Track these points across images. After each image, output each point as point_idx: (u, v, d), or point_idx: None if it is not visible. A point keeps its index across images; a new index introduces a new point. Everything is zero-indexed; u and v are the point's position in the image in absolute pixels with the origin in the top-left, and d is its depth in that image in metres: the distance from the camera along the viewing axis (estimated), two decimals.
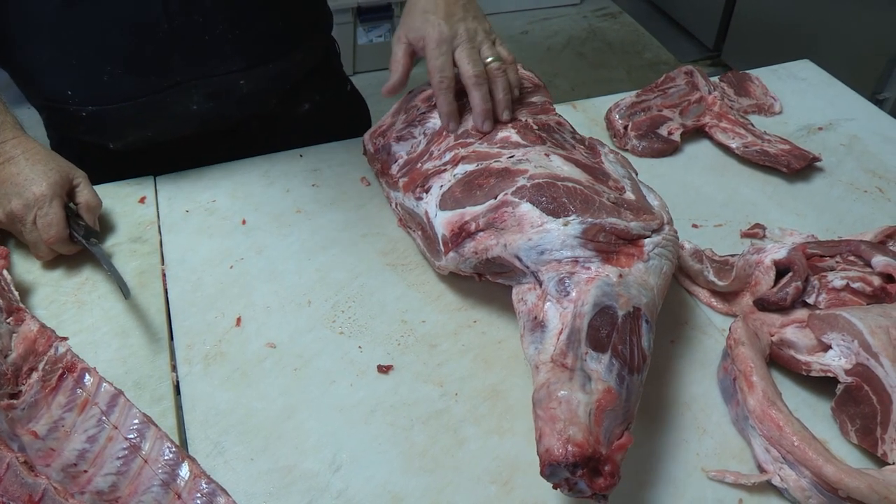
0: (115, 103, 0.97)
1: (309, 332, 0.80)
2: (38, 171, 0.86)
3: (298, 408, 0.73)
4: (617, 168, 0.81)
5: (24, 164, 0.86)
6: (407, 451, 0.69)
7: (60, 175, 0.87)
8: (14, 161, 0.86)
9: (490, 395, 0.74)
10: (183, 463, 0.64)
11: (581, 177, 0.76)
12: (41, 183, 0.85)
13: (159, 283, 0.86)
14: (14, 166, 0.86)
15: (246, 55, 0.99)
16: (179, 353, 0.78)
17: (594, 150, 0.85)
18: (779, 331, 0.78)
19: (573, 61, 3.34)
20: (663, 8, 3.64)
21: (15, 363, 0.73)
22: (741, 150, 1.06)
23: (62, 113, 0.99)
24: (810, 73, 1.28)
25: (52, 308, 0.83)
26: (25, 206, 0.84)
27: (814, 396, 0.74)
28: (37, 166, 0.86)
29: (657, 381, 0.76)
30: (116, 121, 0.99)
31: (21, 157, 0.86)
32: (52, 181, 0.85)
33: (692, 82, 1.18)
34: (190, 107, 1.00)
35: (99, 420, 0.68)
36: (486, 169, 0.79)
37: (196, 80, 0.98)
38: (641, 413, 0.73)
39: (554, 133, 0.86)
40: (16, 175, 0.85)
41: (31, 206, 0.84)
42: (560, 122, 0.89)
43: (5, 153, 0.87)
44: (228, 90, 1.01)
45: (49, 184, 0.85)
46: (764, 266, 0.82)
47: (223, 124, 1.06)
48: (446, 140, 0.87)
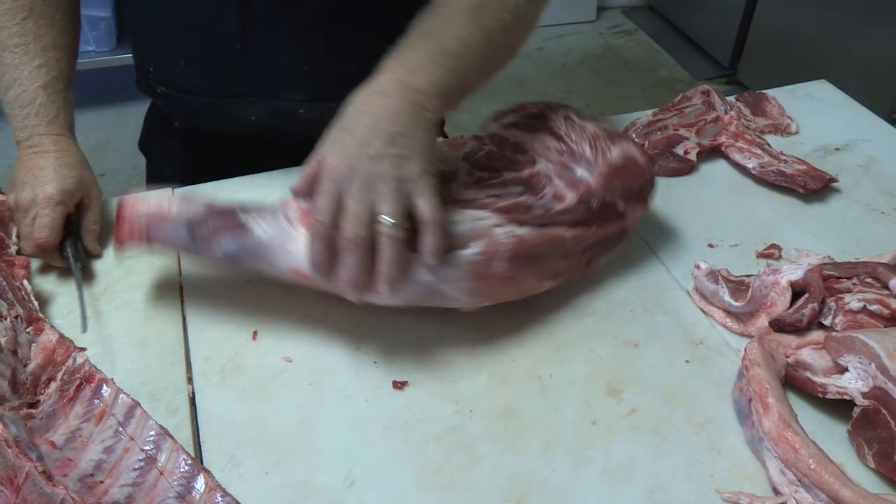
0: (182, 93, 1.03)
1: (325, 347, 0.80)
2: (59, 173, 0.87)
3: (314, 422, 0.73)
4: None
5: (50, 161, 0.88)
6: (421, 468, 0.69)
7: (77, 185, 0.88)
8: (44, 155, 0.88)
9: (504, 412, 0.74)
10: (199, 476, 0.64)
11: None
12: (54, 184, 0.86)
13: (176, 296, 0.87)
14: (42, 159, 0.88)
15: (308, 90, 1.01)
16: (195, 366, 0.79)
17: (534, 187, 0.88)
18: (794, 352, 0.78)
19: (588, 78, 3.35)
20: (679, 26, 3.65)
21: (34, 373, 0.73)
22: (757, 171, 1.06)
23: (146, 81, 1.07)
24: (827, 93, 1.28)
25: (70, 318, 0.84)
26: (31, 201, 0.86)
27: (830, 419, 0.74)
28: (60, 169, 0.88)
29: (671, 400, 0.76)
30: (182, 107, 1.05)
31: (52, 154, 0.89)
32: (65, 187, 0.87)
33: (709, 102, 1.18)
34: (249, 117, 1.03)
35: (116, 431, 0.68)
36: None
37: (258, 98, 1.00)
38: (654, 433, 0.73)
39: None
40: (39, 168, 0.87)
41: (36, 203, 0.86)
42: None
43: (42, 145, 0.89)
44: (288, 114, 1.03)
45: (60, 189, 0.86)
46: (780, 287, 0.82)
47: (283, 138, 1.06)
48: None
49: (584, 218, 0.79)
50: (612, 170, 0.83)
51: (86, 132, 2.94)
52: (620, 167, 0.83)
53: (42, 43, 0.93)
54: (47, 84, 0.92)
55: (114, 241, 0.80)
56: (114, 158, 2.82)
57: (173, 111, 1.10)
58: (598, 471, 0.69)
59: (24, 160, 0.89)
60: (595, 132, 0.86)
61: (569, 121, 0.89)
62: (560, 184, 0.85)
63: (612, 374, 0.78)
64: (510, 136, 0.93)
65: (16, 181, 0.88)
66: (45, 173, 0.87)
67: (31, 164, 0.88)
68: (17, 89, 0.91)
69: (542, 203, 0.83)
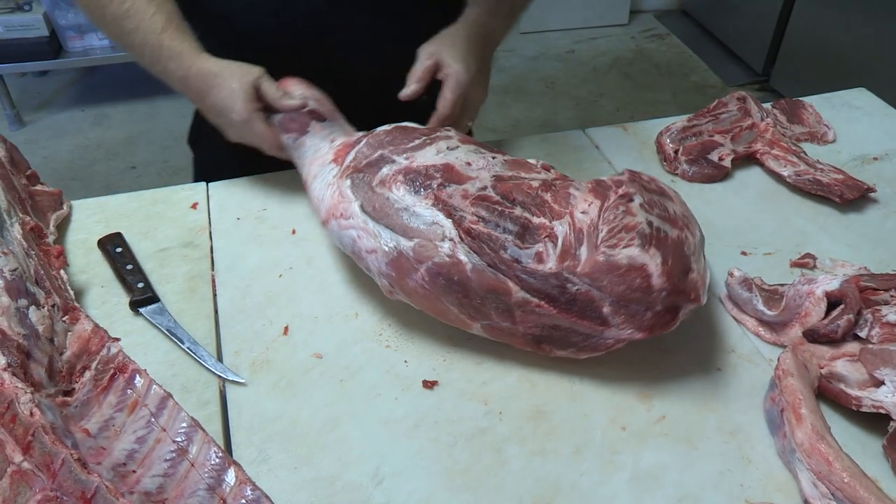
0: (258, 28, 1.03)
1: (355, 345, 0.81)
2: (225, 93, 0.91)
3: (343, 419, 0.73)
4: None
5: (214, 93, 0.92)
6: (449, 468, 0.69)
7: (242, 86, 0.90)
8: (206, 92, 0.92)
9: (534, 415, 0.74)
10: (229, 469, 0.65)
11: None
12: (235, 106, 0.90)
13: (209, 289, 0.88)
14: (209, 98, 0.92)
15: (367, 75, 1.02)
16: (227, 359, 0.79)
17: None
18: (829, 363, 0.77)
19: (619, 82, 3.33)
20: (712, 31, 3.62)
21: (69, 361, 0.74)
22: (793, 179, 1.04)
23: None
24: (866, 101, 1.27)
25: (105, 308, 0.85)
26: (238, 132, 0.94)
27: (864, 433, 0.73)
28: (222, 88, 0.91)
29: (702, 407, 0.75)
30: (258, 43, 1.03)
31: (209, 85, 0.92)
32: (242, 98, 0.90)
33: (744, 108, 1.17)
34: (310, 76, 1.01)
35: (148, 421, 0.69)
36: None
37: (320, 66, 1.00)
38: (684, 440, 0.72)
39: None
40: (215, 105, 0.92)
41: (240, 130, 0.93)
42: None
43: (195, 84, 0.93)
44: (347, 84, 1.01)
45: (242, 101, 0.90)
46: (815, 297, 0.81)
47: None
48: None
49: (551, 294, 0.72)
50: (606, 265, 0.71)
51: (118, 125, 2.99)
52: (616, 268, 0.71)
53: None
54: (166, 25, 0.93)
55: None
56: (146, 151, 2.85)
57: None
58: (627, 477, 0.69)
59: (197, 102, 0.96)
60: (634, 224, 0.73)
61: (626, 200, 0.76)
62: (554, 249, 0.74)
63: (643, 381, 0.78)
64: (570, 188, 0.79)
65: (215, 123, 0.95)
66: (223, 105, 0.91)
67: (211, 103, 0.92)
68: (140, 38, 0.93)
69: (517, 251, 0.74)
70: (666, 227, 0.74)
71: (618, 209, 0.75)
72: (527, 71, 3.35)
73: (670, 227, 0.75)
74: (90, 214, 0.99)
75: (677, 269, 0.72)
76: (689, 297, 0.73)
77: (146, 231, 0.96)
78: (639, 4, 3.89)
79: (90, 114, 3.06)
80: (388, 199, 0.78)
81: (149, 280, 0.87)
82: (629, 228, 0.73)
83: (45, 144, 2.88)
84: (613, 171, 1.09)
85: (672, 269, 0.72)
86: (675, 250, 0.73)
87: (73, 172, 2.74)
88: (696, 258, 0.76)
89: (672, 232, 0.74)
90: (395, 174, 0.80)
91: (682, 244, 0.74)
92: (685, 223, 0.77)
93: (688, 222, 0.78)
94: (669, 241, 0.73)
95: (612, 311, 0.71)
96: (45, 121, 3.02)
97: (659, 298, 0.71)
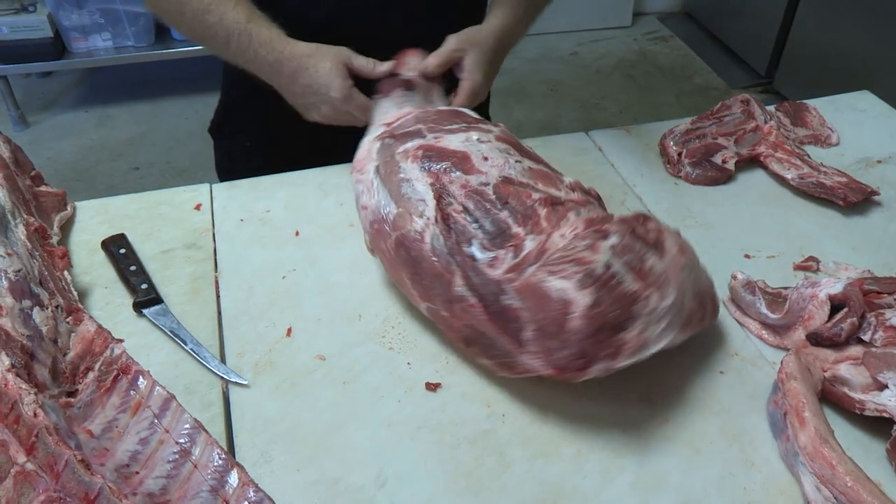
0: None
1: (359, 347, 0.81)
2: (320, 73, 0.96)
3: (346, 421, 0.73)
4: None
5: (308, 74, 0.96)
6: (452, 471, 0.69)
7: (336, 65, 0.96)
8: (299, 73, 0.97)
9: (537, 417, 0.74)
10: (232, 470, 0.65)
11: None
12: (333, 83, 0.96)
13: (212, 291, 0.88)
14: (303, 78, 0.97)
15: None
16: (230, 361, 0.79)
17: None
18: (832, 367, 0.77)
19: (622, 84, 3.33)
20: (716, 33, 3.61)
21: (72, 362, 0.74)
22: (796, 182, 1.04)
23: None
24: (869, 104, 1.27)
25: (108, 309, 0.85)
26: (336, 109, 0.98)
27: (867, 436, 0.73)
28: (316, 69, 0.96)
29: (705, 411, 0.75)
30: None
31: (302, 67, 0.96)
32: (339, 74, 0.96)
33: (748, 111, 1.17)
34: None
35: (151, 423, 0.69)
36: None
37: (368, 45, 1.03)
38: (687, 443, 0.72)
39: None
40: (310, 85, 0.97)
41: (340, 106, 0.97)
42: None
43: (287, 68, 0.97)
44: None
45: (339, 78, 0.95)
46: (818, 300, 0.81)
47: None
48: None
49: (486, 299, 0.71)
50: (534, 288, 0.69)
51: (121, 126, 3.00)
52: (541, 295, 0.68)
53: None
54: (250, 16, 0.98)
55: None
56: (149, 152, 2.85)
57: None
58: (630, 480, 0.69)
59: (286, 87, 0.99)
60: (588, 260, 0.70)
61: (599, 236, 0.73)
62: (512, 259, 0.73)
63: (646, 383, 0.78)
64: (572, 212, 0.77)
65: (303, 106, 1.00)
66: (319, 84, 0.96)
67: (301, 86, 0.97)
68: (224, 30, 0.97)
69: (478, 250, 0.74)
70: (627, 277, 0.69)
71: (584, 240, 0.72)
72: (529, 73, 3.35)
73: (632, 279, 0.70)
74: (94, 215, 0.99)
75: (607, 321, 0.67)
76: (605, 356, 0.67)
77: (150, 232, 0.96)
78: (642, 6, 3.89)
79: (94, 115, 3.07)
80: (398, 167, 0.82)
81: (152, 281, 0.87)
82: (579, 262, 0.69)
83: (48, 145, 2.88)
84: (616, 174, 1.09)
85: (599, 318, 0.67)
86: (618, 302, 0.68)
87: (76, 173, 2.74)
88: (648, 322, 0.69)
89: (631, 284, 0.69)
90: (417, 149, 0.83)
91: (633, 300, 0.69)
92: (658, 283, 0.71)
93: (663, 283, 0.71)
94: (617, 291, 0.68)
95: (532, 337, 0.69)
96: (48, 121, 3.02)
97: (572, 340, 0.67)
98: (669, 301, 0.70)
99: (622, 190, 1.05)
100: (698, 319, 0.76)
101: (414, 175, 0.80)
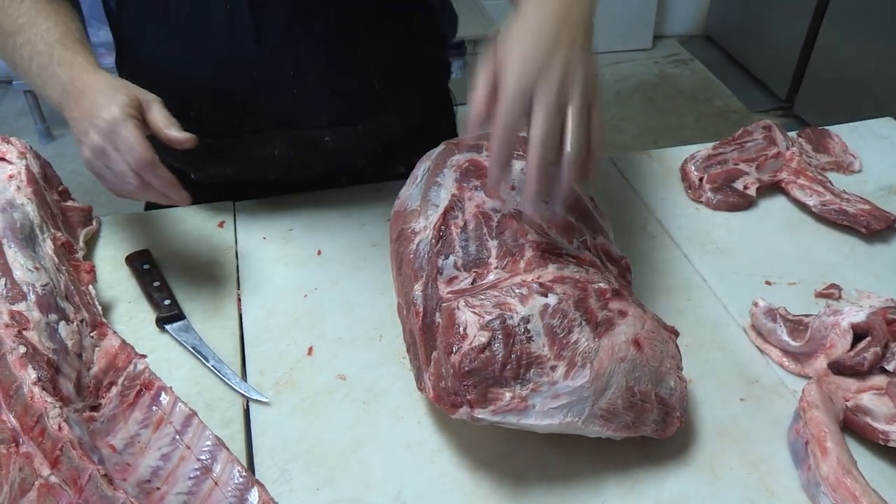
0: (199, 137, 0.89)
1: (379, 367, 0.81)
2: (105, 96, 0.81)
3: (366, 441, 0.73)
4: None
5: (92, 96, 0.81)
6: (471, 493, 0.69)
7: (129, 97, 0.81)
8: (85, 95, 0.82)
9: (557, 440, 0.73)
10: (252, 488, 0.65)
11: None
12: (110, 107, 0.79)
13: (234, 308, 0.88)
14: (86, 100, 0.82)
15: (331, 113, 1.00)
16: (251, 379, 0.80)
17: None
18: (854, 396, 0.76)
19: (642, 107, 3.33)
20: (736, 57, 3.62)
21: (96, 376, 0.75)
22: (818, 208, 1.04)
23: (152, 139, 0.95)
24: (892, 131, 1.26)
25: (131, 324, 0.86)
26: (102, 135, 0.79)
27: (891, 468, 0.72)
28: (104, 93, 0.81)
29: (725, 438, 0.75)
30: (199, 154, 0.92)
31: (92, 90, 0.82)
32: (121, 102, 0.79)
33: (770, 137, 1.17)
34: (272, 152, 1.02)
35: (173, 439, 0.69)
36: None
37: (280, 129, 0.99)
38: (707, 470, 0.72)
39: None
40: (88, 108, 0.81)
41: (106, 134, 0.79)
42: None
43: (76, 89, 0.83)
44: (313, 143, 1.02)
45: (118, 105, 0.79)
46: (841, 329, 0.80)
47: (307, 173, 1.07)
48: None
49: (426, 308, 0.72)
50: (447, 311, 0.68)
51: None
52: (448, 319, 0.67)
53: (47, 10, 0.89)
54: (61, 39, 0.87)
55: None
56: None
57: (188, 163, 1.04)
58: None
59: (70, 110, 0.84)
60: (510, 307, 0.66)
61: (542, 291, 0.68)
62: (467, 282, 0.72)
63: None
64: (565, 268, 0.74)
65: (77, 133, 0.83)
66: (95, 106, 0.80)
67: (80, 111, 0.82)
68: (30, 49, 0.87)
69: (449, 266, 0.73)
70: (540, 339, 0.65)
71: (522, 289, 0.68)
72: None
73: (543, 344, 0.65)
74: (118, 231, 1.00)
75: (489, 369, 0.64)
76: (472, 401, 0.64)
77: (173, 249, 0.97)
78: (663, 29, 3.90)
79: None
80: (441, 172, 0.84)
81: (175, 297, 0.88)
82: (500, 306, 0.66)
83: (72, 159, 2.90)
84: (638, 198, 1.09)
85: (480, 361, 0.64)
86: (512, 357, 0.64)
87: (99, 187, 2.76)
88: (541, 392, 0.64)
89: (539, 348, 0.65)
90: (466, 161, 0.84)
91: (532, 362, 0.64)
92: (574, 360, 0.65)
93: (581, 363, 0.65)
94: (518, 347, 0.64)
95: (435, 359, 0.68)
96: (69, 134, 3.07)
97: (450, 373, 0.65)
98: (579, 382, 0.65)
99: (643, 215, 1.06)
100: (634, 423, 0.68)
101: (446, 183, 0.82)
